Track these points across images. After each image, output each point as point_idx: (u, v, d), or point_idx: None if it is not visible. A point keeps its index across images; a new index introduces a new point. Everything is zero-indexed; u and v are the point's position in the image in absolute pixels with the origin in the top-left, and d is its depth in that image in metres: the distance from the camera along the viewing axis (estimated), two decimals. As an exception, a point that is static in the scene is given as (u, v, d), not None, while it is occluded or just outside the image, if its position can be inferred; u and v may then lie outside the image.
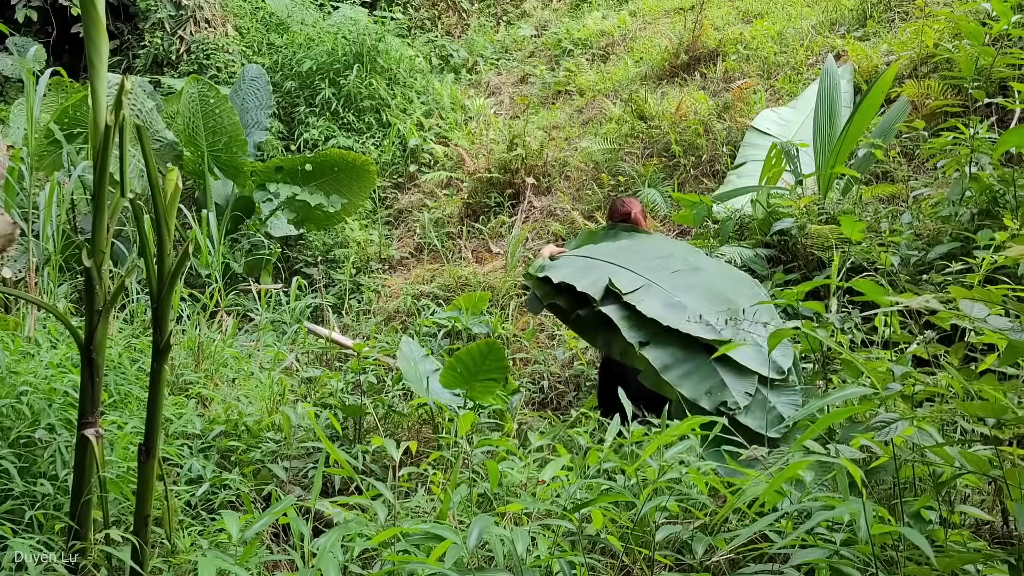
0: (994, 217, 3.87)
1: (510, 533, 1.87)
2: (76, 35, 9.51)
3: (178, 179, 2.13)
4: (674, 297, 3.60)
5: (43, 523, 2.46)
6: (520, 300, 6.48)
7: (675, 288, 3.66)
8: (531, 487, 2.63)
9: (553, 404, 5.12)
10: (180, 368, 3.92)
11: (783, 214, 4.63)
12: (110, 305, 2.17)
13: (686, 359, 3.42)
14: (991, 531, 2.22)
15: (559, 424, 3.75)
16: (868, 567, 1.75)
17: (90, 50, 2.16)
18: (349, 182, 7.14)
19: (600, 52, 9.52)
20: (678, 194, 5.48)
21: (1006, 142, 3.37)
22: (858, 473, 1.70)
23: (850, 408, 1.98)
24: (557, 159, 7.72)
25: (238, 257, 6.73)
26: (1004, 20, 4.95)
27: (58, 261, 4.14)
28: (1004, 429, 1.89)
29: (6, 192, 4.31)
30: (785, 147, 4.96)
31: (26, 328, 3.59)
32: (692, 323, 3.41)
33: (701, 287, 3.67)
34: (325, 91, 8.85)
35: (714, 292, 3.63)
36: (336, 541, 1.90)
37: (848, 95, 5.66)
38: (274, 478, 3.20)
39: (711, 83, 7.80)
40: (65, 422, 2.80)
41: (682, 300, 3.57)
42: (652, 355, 3.45)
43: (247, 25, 9.80)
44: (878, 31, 7.10)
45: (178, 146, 6.79)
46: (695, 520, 2.31)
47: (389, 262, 7.60)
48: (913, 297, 1.97)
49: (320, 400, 3.95)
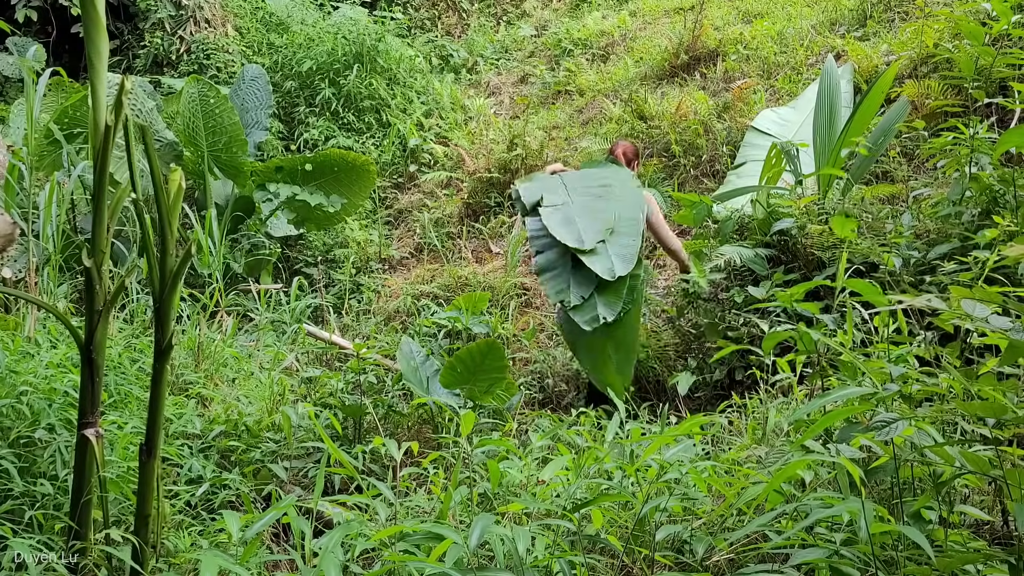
0: (994, 217, 3.87)
1: (511, 533, 1.87)
2: (76, 35, 9.51)
3: (181, 179, 2.13)
4: (573, 215, 4.36)
5: (43, 523, 2.46)
6: (520, 300, 6.49)
7: (580, 209, 4.41)
8: (531, 487, 2.63)
9: (553, 404, 5.12)
10: (180, 368, 3.92)
11: (783, 214, 4.63)
12: (110, 305, 2.17)
13: (557, 266, 4.27)
14: (991, 531, 2.22)
15: (558, 423, 3.75)
16: (868, 567, 1.75)
17: (90, 50, 2.16)
18: (349, 182, 7.13)
19: (600, 52, 9.52)
20: (678, 194, 5.48)
21: (1006, 142, 3.37)
22: (857, 472, 1.70)
23: (849, 408, 1.98)
24: (557, 159, 7.72)
25: (238, 257, 6.73)
26: (1004, 20, 4.95)
27: (58, 261, 4.14)
28: (1004, 429, 1.89)
29: (6, 192, 4.31)
30: (785, 147, 4.96)
31: (26, 328, 3.59)
32: (570, 238, 4.22)
33: (600, 210, 4.40)
34: (325, 91, 8.85)
35: (605, 216, 4.36)
36: (337, 541, 1.90)
37: (848, 95, 5.66)
38: (274, 478, 3.20)
39: (711, 83, 7.80)
40: (65, 422, 2.80)
41: (578, 217, 4.33)
42: (540, 259, 4.33)
43: (247, 25, 9.80)
44: (878, 31, 7.10)
45: (178, 146, 6.78)
46: (695, 520, 2.31)
47: (389, 262, 7.61)
48: (913, 297, 1.97)
49: (320, 400, 3.95)
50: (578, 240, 4.22)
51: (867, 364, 2.10)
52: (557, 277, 4.23)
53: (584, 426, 3.36)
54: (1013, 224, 3.44)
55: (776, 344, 2.68)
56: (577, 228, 4.27)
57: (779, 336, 2.24)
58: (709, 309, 4.65)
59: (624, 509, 2.38)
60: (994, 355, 2.52)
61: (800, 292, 2.76)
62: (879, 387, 1.98)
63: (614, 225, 4.31)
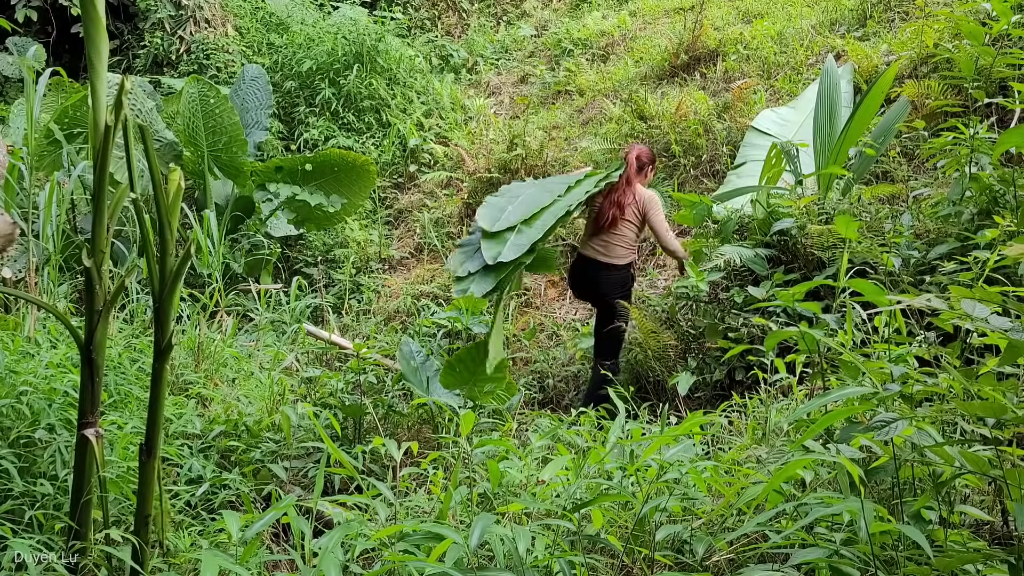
0: (994, 217, 3.87)
1: (511, 533, 1.87)
2: (76, 35, 9.51)
3: (180, 179, 2.13)
4: (508, 204, 4.63)
5: (43, 523, 2.46)
6: (520, 300, 6.48)
7: (523, 199, 4.66)
8: (531, 487, 2.63)
9: (553, 404, 5.12)
10: (180, 368, 3.92)
11: (783, 214, 4.62)
12: (110, 305, 2.17)
13: (474, 242, 4.52)
14: (991, 531, 2.22)
15: (557, 422, 3.75)
16: (868, 567, 1.75)
17: (90, 50, 2.16)
18: (349, 182, 7.14)
19: (600, 52, 9.52)
20: (678, 194, 5.48)
21: (1006, 142, 3.36)
22: (857, 472, 1.70)
23: (849, 408, 1.98)
24: (557, 159, 7.72)
25: (238, 257, 6.73)
26: (1004, 20, 4.95)
27: (58, 261, 4.14)
28: (1004, 429, 1.89)
29: (6, 192, 4.31)
30: (785, 147, 4.96)
31: (26, 328, 3.59)
32: (485, 219, 4.52)
33: (536, 203, 4.60)
34: (325, 91, 8.85)
35: (534, 209, 4.55)
36: (337, 541, 1.90)
37: (848, 95, 5.66)
38: (274, 478, 3.20)
39: (711, 83, 7.80)
40: (65, 422, 2.80)
41: (510, 205, 4.60)
42: (469, 236, 4.67)
43: (247, 25, 9.80)
44: (878, 31, 7.10)
45: (178, 146, 6.79)
46: (695, 520, 2.31)
47: (389, 262, 7.61)
48: (913, 297, 1.97)
49: (320, 400, 3.95)
50: (490, 222, 4.48)
51: (867, 364, 2.10)
52: (466, 250, 4.55)
53: (584, 426, 3.36)
54: (1013, 224, 3.43)
55: (776, 344, 2.68)
56: (500, 214, 4.54)
57: (781, 335, 2.24)
58: (709, 310, 4.64)
59: (624, 509, 2.38)
60: (994, 355, 2.52)
61: (801, 292, 2.76)
62: (879, 387, 1.98)
63: (538, 219, 4.50)
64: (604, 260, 4.86)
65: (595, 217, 4.91)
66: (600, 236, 4.87)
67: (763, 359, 3.26)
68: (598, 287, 4.91)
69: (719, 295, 4.67)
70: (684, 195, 5.12)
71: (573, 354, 5.45)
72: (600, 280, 4.89)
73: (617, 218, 4.82)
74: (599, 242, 4.88)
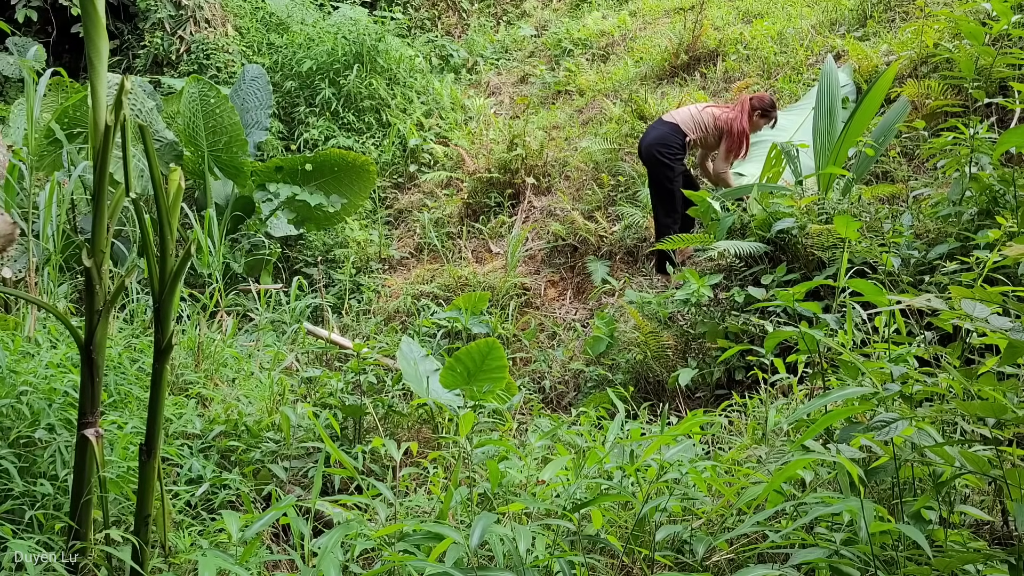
0: (994, 217, 3.87)
1: (511, 532, 1.86)
2: (76, 35, 9.51)
3: (180, 179, 2.13)
4: None
5: (43, 523, 2.46)
6: (520, 300, 6.48)
7: None
8: (531, 487, 2.63)
9: (553, 404, 5.12)
10: (180, 368, 3.92)
11: (783, 214, 4.63)
12: (110, 305, 2.17)
13: None
14: (991, 531, 2.22)
15: (558, 423, 3.75)
16: (868, 567, 1.75)
17: (90, 50, 2.16)
18: (349, 182, 7.14)
19: (600, 52, 9.52)
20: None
21: (1006, 142, 3.36)
22: (856, 471, 1.70)
23: (849, 408, 1.98)
24: (557, 159, 7.72)
25: (238, 257, 6.73)
26: (1004, 20, 4.95)
27: (58, 261, 4.14)
28: (1004, 429, 1.89)
29: (6, 192, 4.31)
30: (785, 147, 4.96)
31: (26, 328, 3.59)
32: None
33: None
34: (325, 91, 8.85)
35: None
36: (337, 541, 1.90)
37: (850, 90, 5.66)
38: (274, 478, 3.20)
39: (711, 83, 7.79)
40: (65, 422, 2.80)
41: None
42: None
43: (247, 25, 9.80)
44: (878, 31, 7.09)
45: (178, 146, 6.79)
46: (695, 520, 2.31)
47: (389, 262, 7.61)
48: (913, 297, 1.97)
49: (320, 400, 3.95)
50: None
51: (867, 364, 2.10)
52: None
53: (584, 426, 3.36)
54: (1015, 225, 3.43)
55: (776, 344, 2.68)
56: None
57: (781, 335, 2.24)
58: (709, 310, 4.64)
59: (624, 509, 2.38)
60: (994, 355, 2.52)
61: (801, 292, 2.76)
62: (879, 387, 1.98)
63: None
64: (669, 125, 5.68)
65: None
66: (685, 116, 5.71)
67: (763, 359, 3.27)
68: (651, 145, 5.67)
69: (719, 295, 4.67)
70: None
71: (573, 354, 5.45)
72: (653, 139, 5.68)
73: (709, 116, 5.64)
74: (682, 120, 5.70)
